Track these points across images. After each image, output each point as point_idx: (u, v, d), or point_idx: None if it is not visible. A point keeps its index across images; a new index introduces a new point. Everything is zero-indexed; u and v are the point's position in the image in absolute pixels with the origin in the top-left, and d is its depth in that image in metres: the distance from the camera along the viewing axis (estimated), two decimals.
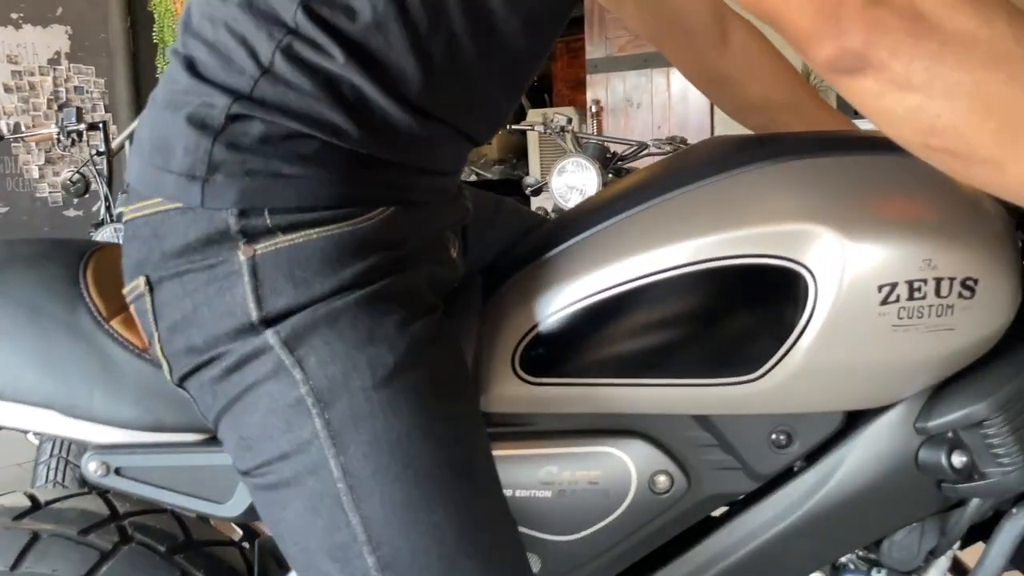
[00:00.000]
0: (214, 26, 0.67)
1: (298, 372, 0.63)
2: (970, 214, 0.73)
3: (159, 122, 0.68)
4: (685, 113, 5.81)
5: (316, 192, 0.65)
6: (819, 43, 0.54)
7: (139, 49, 4.88)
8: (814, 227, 0.71)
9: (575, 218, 0.83)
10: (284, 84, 0.65)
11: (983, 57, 0.52)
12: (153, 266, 0.67)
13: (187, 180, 0.65)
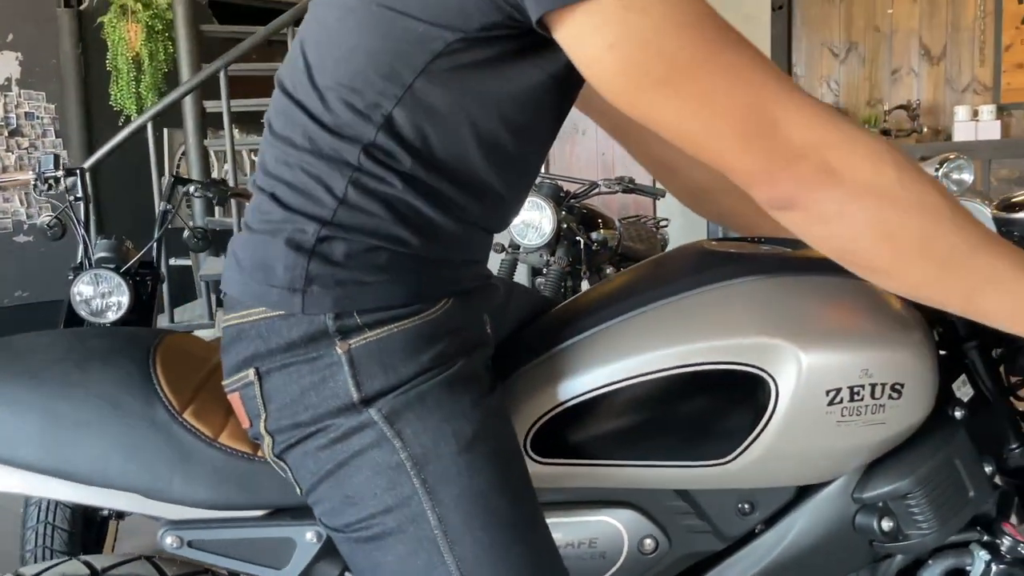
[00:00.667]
0: (291, 169, 0.83)
1: (397, 441, 0.79)
2: (898, 328, 0.91)
3: (259, 246, 0.83)
4: None
5: (392, 294, 0.82)
6: (758, 188, 0.74)
7: (90, 75, 4.88)
8: (776, 341, 0.88)
9: (577, 315, 0.99)
10: (357, 209, 0.81)
11: (877, 198, 0.72)
12: (262, 360, 0.83)
13: (289, 292, 0.81)
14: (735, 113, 0.70)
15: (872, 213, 0.72)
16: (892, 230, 0.73)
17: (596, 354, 0.93)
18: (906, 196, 0.72)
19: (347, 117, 0.80)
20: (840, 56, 5.26)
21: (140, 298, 2.41)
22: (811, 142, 0.71)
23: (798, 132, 0.71)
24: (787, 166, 0.71)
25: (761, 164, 0.72)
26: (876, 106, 5.14)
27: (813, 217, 0.73)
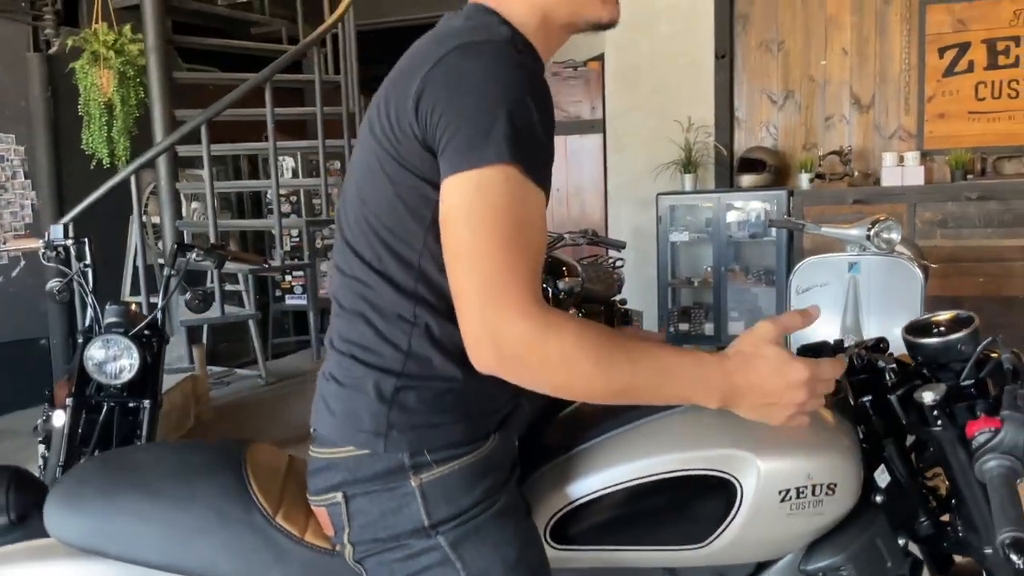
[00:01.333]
0: (363, 332, 1.07)
1: (459, 563, 1.05)
2: (833, 438, 1.19)
3: (347, 399, 1.08)
4: (580, 175, 6.33)
5: (454, 435, 1.07)
6: (469, 347, 0.97)
7: (60, 119, 4.98)
8: (741, 452, 1.15)
9: (581, 425, 1.24)
10: (420, 358, 1.06)
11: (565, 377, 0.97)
12: (349, 487, 1.07)
13: (373, 436, 1.05)
14: (475, 290, 0.95)
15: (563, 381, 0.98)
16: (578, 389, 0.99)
17: (600, 461, 1.19)
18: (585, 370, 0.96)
19: (394, 267, 1.05)
20: (778, 103, 5.64)
21: (147, 359, 2.59)
22: (511, 341, 0.94)
23: (504, 330, 0.94)
24: (488, 348, 0.96)
25: (473, 335, 0.96)
26: (811, 150, 5.53)
27: (510, 380, 0.99)
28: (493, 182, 0.93)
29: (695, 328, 5.62)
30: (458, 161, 0.95)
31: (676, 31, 5.76)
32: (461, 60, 0.97)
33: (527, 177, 0.95)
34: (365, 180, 1.08)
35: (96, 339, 2.50)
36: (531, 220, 0.96)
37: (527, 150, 0.94)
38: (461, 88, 0.95)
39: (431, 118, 0.97)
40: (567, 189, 6.35)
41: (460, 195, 0.95)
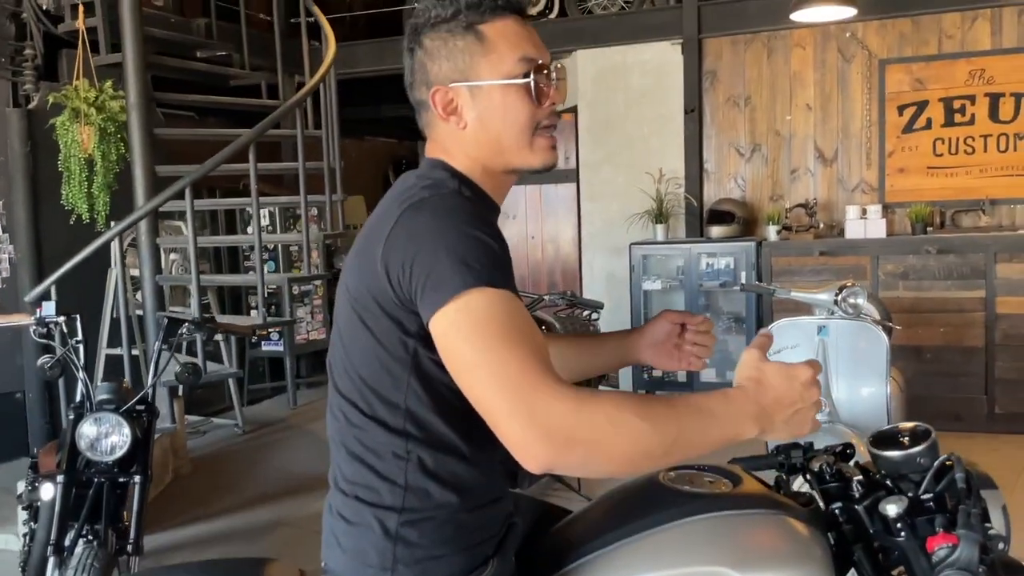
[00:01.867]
0: (364, 474, 1.17)
1: None
2: (806, 550, 1.29)
3: (354, 536, 1.16)
4: (556, 223, 6.46)
5: (456, 564, 1.16)
6: (519, 455, 1.00)
7: (39, 174, 5.00)
8: (724, 569, 1.24)
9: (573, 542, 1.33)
10: (418, 491, 1.15)
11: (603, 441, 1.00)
12: None
13: (380, 571, 1.13)
14: (503, 394, 0.99)
15: (605, 449, 1.00)
16: (615, 453, 1.01)
17: None
18: (637, 435, 1.00)
19: (383, 410, 1.15)
20: (746, 156, 5.82)
21: (137, 434, 2.64)
22: (556, 424, 0.98)
23: (546, 417, 0.98)
24: (537, 441, 0.98)
25: (518, 436, 0.99)
26: (778, 201, 5.71)
27: (571, 468, 1.03)
28: (473, 302, 1.03)
29: (667, 375, 5.74)
30: (436, 300, 1.04)
31: (647, 86, 5.93)
32: (415, 217, 1.09)
33: (498, 289, 1.04)
34: (347, 335, 1.19)
35: (88, 416, 2.54)
36: (519, 319, 1.04)
37: (490, 269, 1.04)
38: (420, 241, 1.07)
39: (401, 275, 1.08)
40: (542, 236, 6.48)
41: (448, 323, 1.04)
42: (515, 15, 1.21)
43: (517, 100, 1.19)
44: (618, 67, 6.00)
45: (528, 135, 1.21)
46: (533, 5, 6.53)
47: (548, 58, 1.22)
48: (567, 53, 6.19)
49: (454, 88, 1.19)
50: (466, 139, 1.21)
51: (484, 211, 1.15)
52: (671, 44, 5.84)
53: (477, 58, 1.18)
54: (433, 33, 1.19)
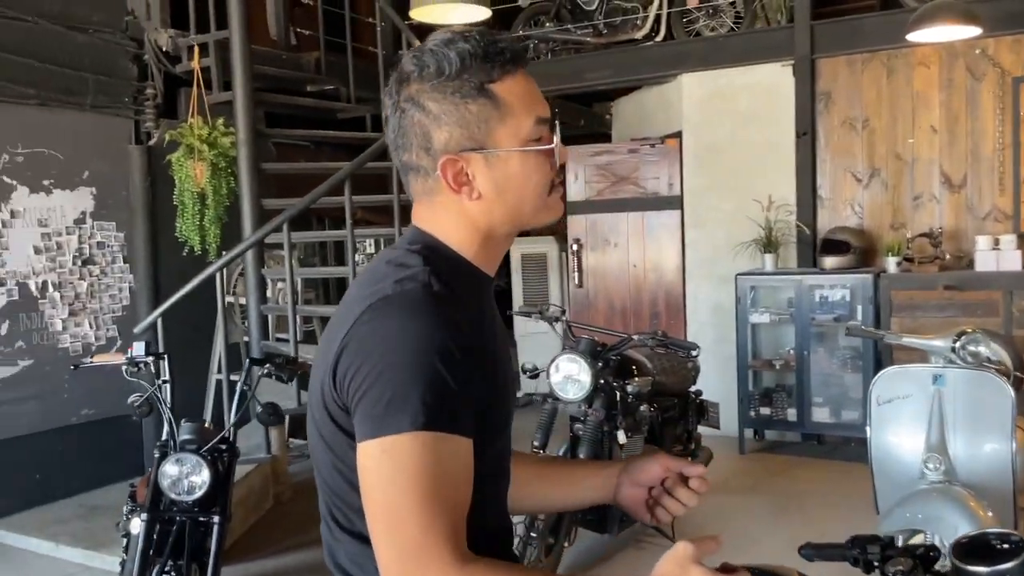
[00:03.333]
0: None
1: None
2: None
3: None
4: (659, 250, 6.28)
5: None
6: None
7: (157, 206, 5.26)
8: None
9: None
10: None
11: None
12: None
13: None
14: (391, 555, 0.96)
15: None
16: None
17: None
18: None
19: (360, 523, 1.04)
20: (863, 181, 5.49)
21: (218, 472, 2.68)
22: None
23: None
24: None
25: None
26: (899, 230, 5.35)
27: None
28: (401, 449, 0.95)
29: (777, 413, 5.46)
30: (367, 428, 0.97)
31: (755, 109, 5.70)
32: (372, 321, 1.00)
33: (440, 433, 0.96)
34: (311, 441, 1.12)
35: (170, 456, 2.60)
36: (448, 475, 0.97)
37: (436, 409, 0.96)
38: (370, 353, 0.99)
39: (344, 381, 1.01)
40: (644, 264, 6.30)
41: (371, 460, 0.97)
42: (523, 67, 1.11)
43: (538, 164, 1.10)
44: (725, 90, 5.79)
45: (546, 196, 1.13)
46: (638, 28, 6.41)
47: (548, 111, 1.14)
48: (671, 77, 6.03)
49: (466, 156, 1.08)
50: (476, 209, 1.10)
51: (457, 310, 1.03)
52: (782, 65, 5.59)
53: (494, 124, 1.07)
54: (438, 95, 1.07)
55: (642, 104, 6.72)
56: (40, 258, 4.82)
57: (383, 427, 0.96)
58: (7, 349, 4.68)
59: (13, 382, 4.71)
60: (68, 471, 4.92)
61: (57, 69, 4.81)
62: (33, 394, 4.79)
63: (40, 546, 4.35)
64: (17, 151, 4.70)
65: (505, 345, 1.21)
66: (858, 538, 1.39)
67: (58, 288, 4.91)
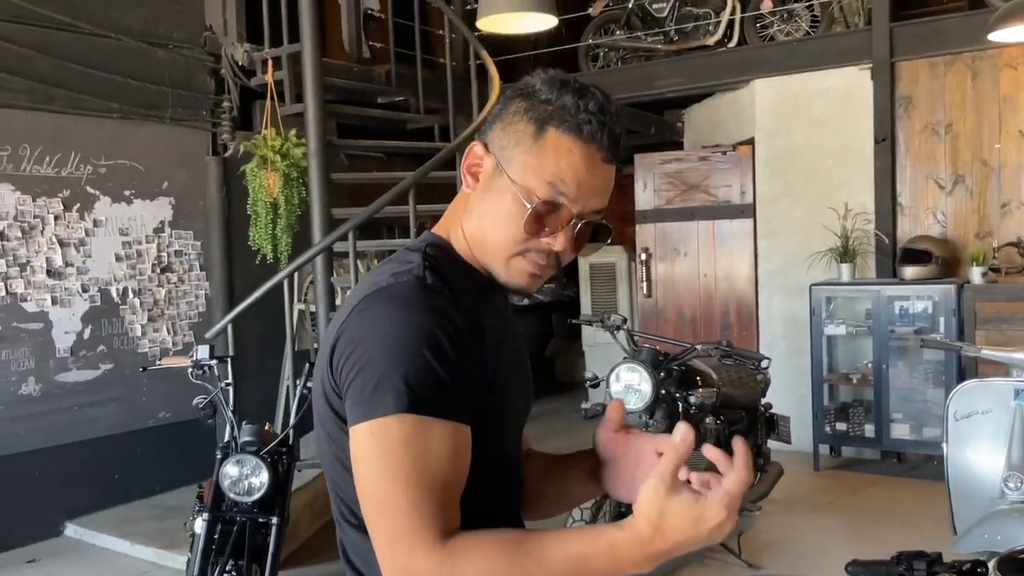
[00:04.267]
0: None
1: None
2: None
3: None
4: (730, 260, 6.14)
5: None
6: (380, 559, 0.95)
7: (232, 215, 5.41)
8: None
9: None
10: None
11: None
12: None
13: None
14: (381, 534, 0.97)
15: None
16: None
17: None
18: None
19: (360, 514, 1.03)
20: (946, 188, 5.27)
21: (277, 474, 2.72)
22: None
23: (419, 568, 0.94)
24: None
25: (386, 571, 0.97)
26: (985, 239, 5.11)
27: None
28: (388, 431, 0.97)
29: (854, 429, 5.26)
30: (356, 412, 0.99)
31: (831, 114, 5.53)
32: (366, 310, 1.03)
33: (427, 416, 0.97)
34: (319, 443, 1.13)
35: (232, 457, 2.64)
36: (435, 458, 0.98)
37: (421, 393, 0.97)
38: (362, 340, 1.01)
39: (339, 368, 1.03)
40: (715, 274, 6.17)
41: (359, 444, 0.99)
42: (595, 147, 1.05)
43: (513, 215, 1.06)
44: (799, 95, 5.64)
45: (508, 251, 1.09)
46: (711, 34, 6.30)
47: (588, 205, 1.07)
48: (743, 83, 5.91)
49: (491, 155, 1.09)
50: (467, 207, 1.12)
51: (450, 303, 1.03)
52: (859, 69, 5.41)
53: (522, 148, 1.07)
54: (523, 101, 1.09)
55: (714, 111, 6.61)
56: (121, 265, 5.01)
57: (370, 410, 0.98)
58: (89, 353, 4.87)
59: (95, 385, 4.89)
60: (145, 472, 5.08)
61: (138, 84, 5.00)
62: (113, 397, 4.96)
63: (116, 544, 4.50)
64: (100, 163, 4.90)
65: (518, 350, 1.19)
66: (904, 554, 1.34)
67: (138, 295, 5.09)
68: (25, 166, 4.57)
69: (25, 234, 4.58)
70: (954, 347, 3.07)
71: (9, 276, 4.51)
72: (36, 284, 4.63)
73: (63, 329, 4.75)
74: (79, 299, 4.82)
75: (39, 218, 4.64)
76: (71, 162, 4.77)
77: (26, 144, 4.57)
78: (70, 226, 4.78)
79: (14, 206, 4.53)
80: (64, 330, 4.76)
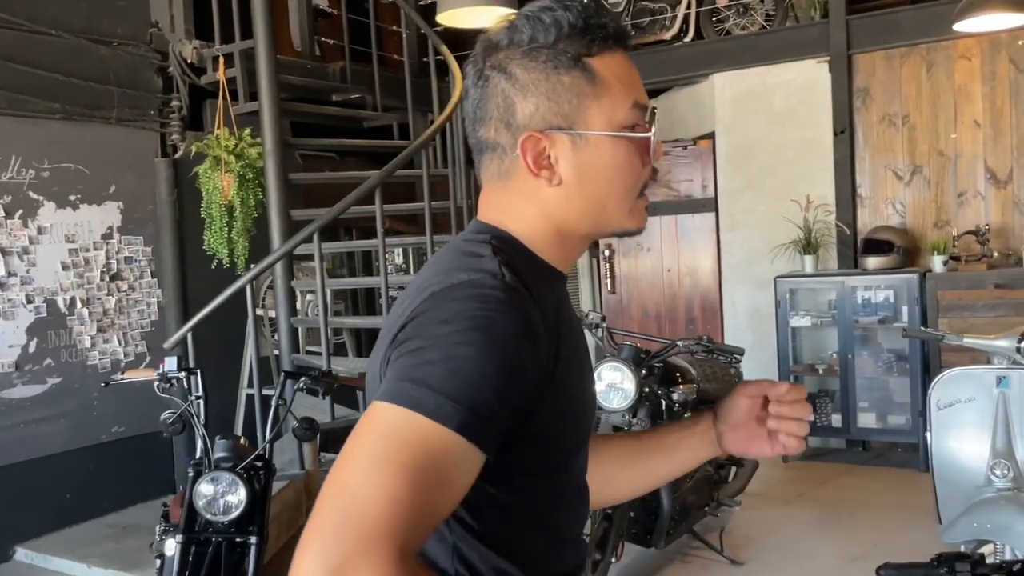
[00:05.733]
0: None
1: None
2: None
3: None
4: (693, 254, 6.14)
5: None
6: (304, 548, 0.76)
7: (184, 219, 5.20)
8: None
9: None
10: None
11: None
12: None
13: None
14: (330, 528, 0.77)
15: None
16: None
17: None
18: None
19: None
20: (905, 179, 5.33)
21: (254, 490, 2.58)
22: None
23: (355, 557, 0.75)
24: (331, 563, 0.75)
25: (308, 565, 0.76)
26: (944, 228, 5.18)
27: None
28: (401, 423, 0.81)
29: (821, 419, 5.29)
30: (390, 389, 0.84)
31: (790, 107, 5.56)
32: (430, 310, 0.88)
33: (448, 430, 0.81)
34: None
35: (205, 475, 2.50)
36: (443, 478, 0.82)
37: (461, 405, 0.81)
38: (422, 336, 0.86)
39: (400, 343, 0.89)
40: (679, 269, 6.16)
41: (365, 420, 0.83)
42: (623, 49, 0.99)
43: (630, 156, 0.97)
44: (758, 89, 5.66)
45: (632, 196, 0.99)
46: (667, 29, 6.28)
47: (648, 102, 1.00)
48: (703, 77, 5.90)
49: (551, 136, 0.95)
50: (553, 197, 0.98)
51: (533, 306, 0.91)
52: (817, 62, 5.45)
53: (588, 101, 0.95)
54: (528, 61, 0.95)
55: (673, 106, 6.59)
56: (68, 274, 4.77)
57: (397, 395, 0.82)
58: (36, 367, 4.63)
59: (42, 400, 4.65)
60: (99, 490, 4.85)
61: (82, 83, 4.77)
62: (63, 412, 4.73)
63: (72, 567, 4.28)
64: (43, 166, 4.65)
65: (586, 356, 1.08)
66: (944, 556, 1.28)
67: (86, 304, 4.86)
68: None
69: None
70: (936, 336, 3.07)
71: None
72: None
73: (7, 343, 4.50)
74: (23, 310, 4.57)
75: None
76: (11, 166, 4.52)
77: None
78: (12, 234, 4.53)
79: None
80: (8, 343, 4.51)
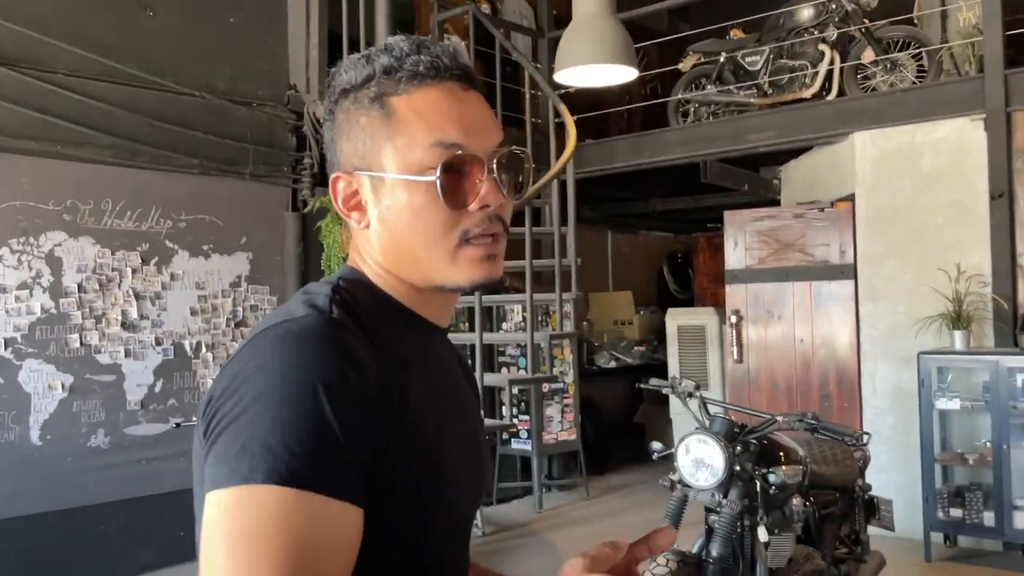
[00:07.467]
0: None
1: None
2: None
3: None
4: (829, 325, 5.70)
5: None
6: None
7: (308, 270, 5.39)
8: None
9: None
10: None
11: None
12: None
13: None
14: None
15: None
16: None
17: None
18: None
19: None
20: None
21: None
22: None
23: None
24: None
25: None
26: None
27: None
28: (248, 502, 0.74)
29: (971, 516, 4.68)
30: (213, 475, 0.76)
31: (940, 168, 5.10)
32: (249, 352, 0.81)
33: (293, 490, 0.73)
34: (197, 513, 0.91)
35: None
36: (298, 541, 0.72)
37: (300, 460, 0.74)
38: (236, 390, 0.78)
39: (210, 421, 0.81)
40: (812, 340, 5.73)
41: (212, 516, 0.75)
42: (446, 83, 0.89)
43: (426, 201, 0.87)
44: (904, 148, 5.24)
45: (447, 246, 0.88)
46: (807, 87, 5.98)
47: (487, 142, 0.88)
48: (841, 136, 5.55)
49: (357, 177, 0.91)
50: (369, 243, 0.92)
51: (362, 344, 0.81)
52: (971, 120, 4.98)
53: (381, 141, 0.89)
54: (341, 102, 0.92)
55: (812, 167, 6.24)
56: (196, 319, 5.02)
57: (231, 476, 0.74)
58: (160, 407, 4.87)
59: (164, 439, 4.87)
60: None
61: (220, 140, 5.07)
62: (181, 451, 4.92)
63: None
64: (180, 217, 4.96)
65: (465, 417, 0.95)
66: None
67: (211, 349, 5.08)
68: (106, 220, 4.66)
69: (103, 286, 4.64)
70: None
71: (85, 328, 4.57)
72: (111, 336, 4.67)
73: (135, 382, 4.77)
74: (152, 352, 4.84)
75: (117, 271, 4.70)
76: (151, 216, 4.84)
77: (108, 198, 4.66)
78: (147, 279, 4.83)
79: (93, 259, 4.61)
80: (136, 383, 4.77)
